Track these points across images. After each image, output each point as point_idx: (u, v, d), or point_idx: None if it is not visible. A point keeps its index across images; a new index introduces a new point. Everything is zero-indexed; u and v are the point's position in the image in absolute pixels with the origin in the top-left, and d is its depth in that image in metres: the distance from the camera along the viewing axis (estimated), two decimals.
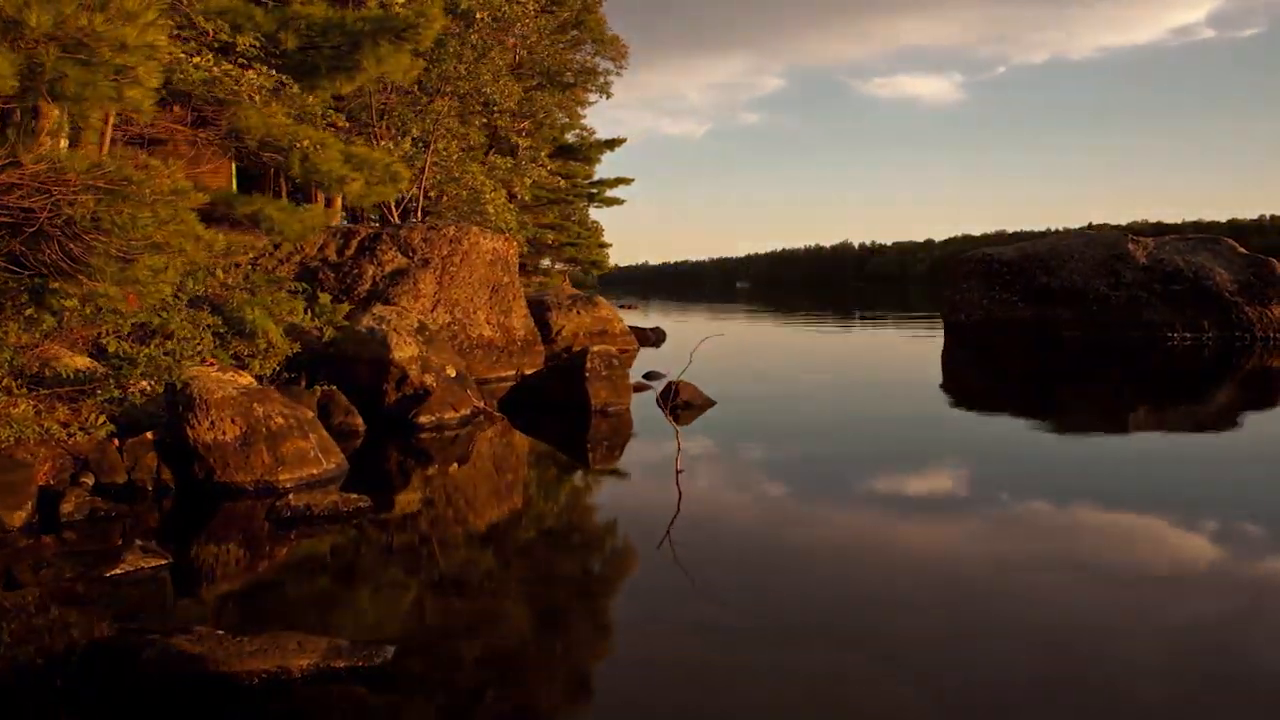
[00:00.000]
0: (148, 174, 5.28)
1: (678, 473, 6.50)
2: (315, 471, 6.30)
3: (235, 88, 8.11)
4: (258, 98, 8.60)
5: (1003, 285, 19.47)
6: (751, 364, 16.53)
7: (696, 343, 7.68)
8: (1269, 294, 18.25)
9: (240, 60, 9.09)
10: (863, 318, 34.84)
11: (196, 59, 7.63)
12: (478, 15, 15.50)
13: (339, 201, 17.84)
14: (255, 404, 6.20)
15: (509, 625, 3.86)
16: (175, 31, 8.46)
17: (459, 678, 3.31)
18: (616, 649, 3.66)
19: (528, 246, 34.34)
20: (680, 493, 6.12)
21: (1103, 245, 19.42)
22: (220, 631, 3.29)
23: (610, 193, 41.81)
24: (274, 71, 8.74)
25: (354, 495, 5.65)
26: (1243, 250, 19.23)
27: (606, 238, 41.09)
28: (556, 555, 5.07)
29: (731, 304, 59.26)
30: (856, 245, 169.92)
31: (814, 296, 73.20)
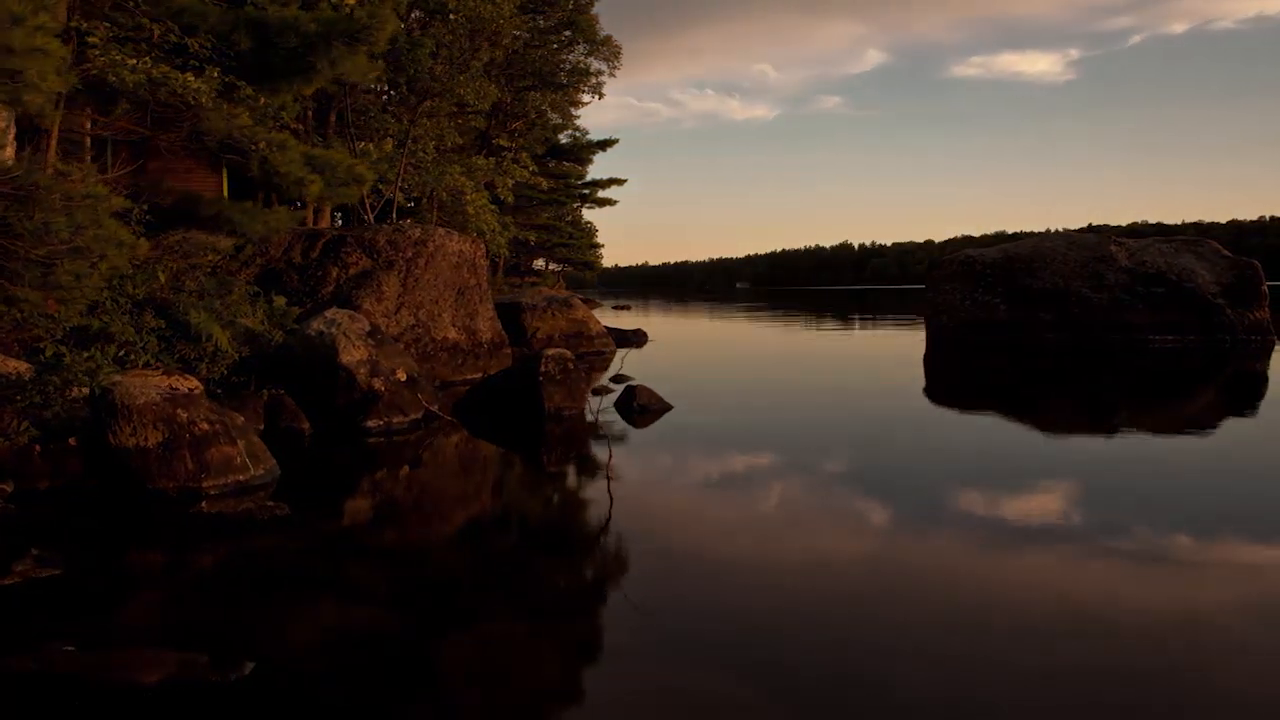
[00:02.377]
0: (59, 179, 5.23)
1: (609, 480, 6.46)
2: (242, 478, 6.24)
3: (179, 90, 8.05)
4: (205, 100, 8.54)
5: (985, 287, 19.35)
6: (727, 365, 16.45)
7: (668, 347, 7.61)
8: (1251, 296, 18.13)
9: (193, 62, 9.05)
10: (861, 318, 34.74)
11: (132, 61, 7.56)
12: (452, 16, 15.43)
13: (327, 205, 17.81)
14: (179, 410, 6.14)
15: (390, 641, 3.78)
16: (121, 33, 8.42)
17: (318, 695, 3.24)
18: (502, 668, 3.56)
19: (517, 247, 34.34)
20: (612, 500, 6.07)
21: (1085, 247, 19.29)
22: (70, 648, 3.23)
23: (603, 193, 41.80)
24: (218, 73, 8.67)
25: (271, 503, 5.59)
26: (1226, 252, 19.09)
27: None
28: (468, 566, 4.99)
29: (731, 304, 59.17)
30: (856, 246, 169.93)
31: (813, 297, 73.13)
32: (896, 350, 19.69)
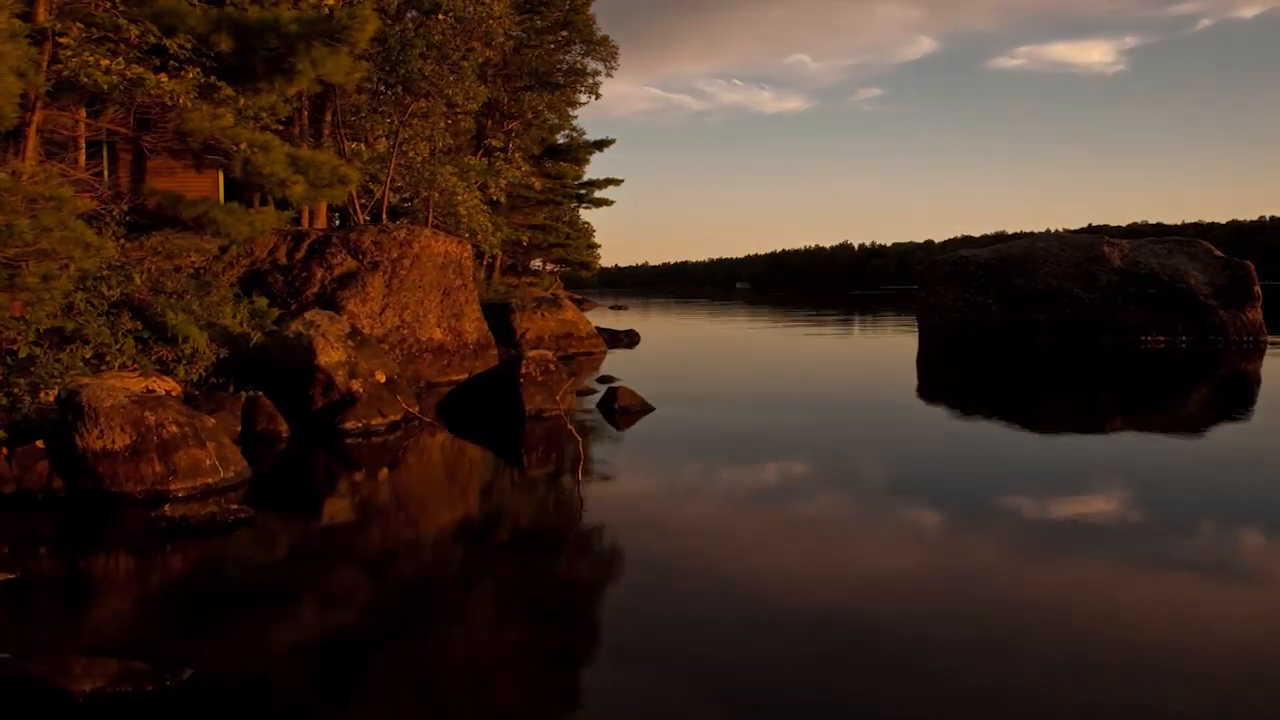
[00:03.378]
0: (19, 181, 5.20)
1: (579, 481, 6.44)
2: (211, 480, 6.20)
3: (154, 91, 8.01)
4: (184, 101, 8.50)
5: (978, 288, 19.30)
6: (717, 366, 16.40)
7: (659, 347, 7.58)
8: (1244, 297, 18.07)
9: (172, 63, 9.02)
10: (859, 319, 34.67)
11: (106, 62, 7.53)
12: (441, 16, 15.40)
13: (324, 205, 17.73)
14: (147, 412, 6.10)
15: (334, 647, 3.75)
16: (99, 34, 8.39)
17: (253, 702, 3.20)
18: (460, 669, 3.52)
19: (514, 247, 34.31)
20: (582, 501, 6.06)
21: (1078, 247, 19.25)
22: (5, 655, 3.20)
23: (600, 193, 41.77)
24: (196, 73, 8.63)
25: (235, 506, 5.56)
26: (1219, 253, 19.03)
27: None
28: (430, 567, 4.96)
29: (730, 304, 59.05)
30: (856, 246, 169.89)
31: (812, 297, 73.06)
32: (891, 351, 19.66)
